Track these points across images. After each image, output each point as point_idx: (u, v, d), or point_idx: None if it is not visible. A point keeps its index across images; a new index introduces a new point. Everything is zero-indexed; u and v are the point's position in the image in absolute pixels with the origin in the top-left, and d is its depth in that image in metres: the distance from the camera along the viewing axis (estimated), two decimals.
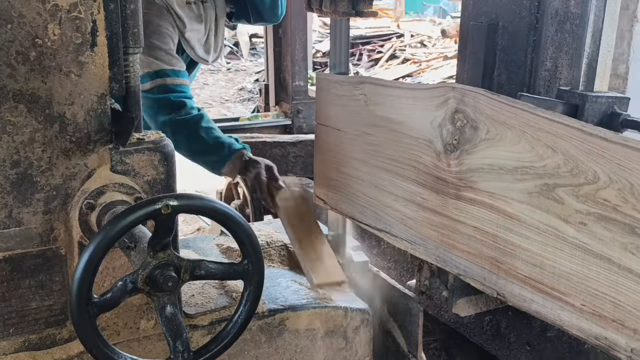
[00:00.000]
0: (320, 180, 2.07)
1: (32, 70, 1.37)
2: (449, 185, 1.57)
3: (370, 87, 1.80)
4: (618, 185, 1.22)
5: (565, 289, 1.34)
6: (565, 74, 2.22)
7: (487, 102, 1.46)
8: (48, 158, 1.43)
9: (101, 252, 1.16)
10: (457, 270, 1.61)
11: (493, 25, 2.29)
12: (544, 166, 1.35)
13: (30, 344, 1.53)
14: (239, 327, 1.35)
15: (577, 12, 2.13)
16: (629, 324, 1.23)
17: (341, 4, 1.86)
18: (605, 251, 1.25)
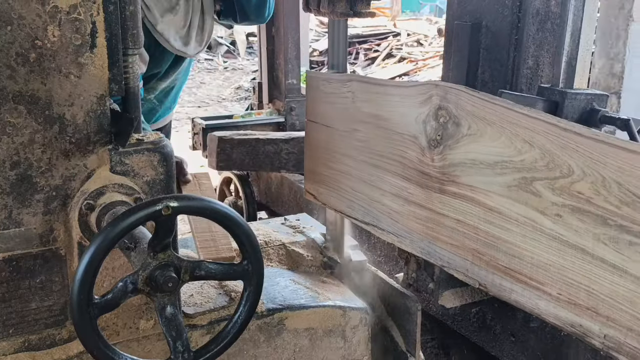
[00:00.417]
0: (310, 175, 2.10)
1: (32, 71, 1.37)
2: (433, 180, 1.61)
3: (357, 84, 1.84)
4: (591, 178, 1.26)
5: (542, 279, 1.38)
6: (546, 72, 2.28)
7: (469, 98, 1.50)
8: (48, 159, 1.43)
9: (102, 254, 1.16)
10: (441, 262, 1.65)
11: (477, 24, 2.34)
12: (522, 160, 1.39)
13: (30, 345, 1.53)
14: (238, 327, 1.35)
15: (557, 11, 2.18)
16: (602, 311, 1.27)
17: (339, 5, 1.87)
18: (579, 242, 1.30)
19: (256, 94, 4.56)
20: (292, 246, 2.20)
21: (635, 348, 1.23)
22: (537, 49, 2.27)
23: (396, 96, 1.71)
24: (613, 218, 1.23)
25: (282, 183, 4.08)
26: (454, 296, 1.99)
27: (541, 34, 2.26)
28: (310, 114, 2.05)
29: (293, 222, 2.40)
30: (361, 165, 1.84)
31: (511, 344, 2.16)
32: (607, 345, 1.28)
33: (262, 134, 3.83)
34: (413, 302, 1.88)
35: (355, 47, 12.00)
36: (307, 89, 2.06)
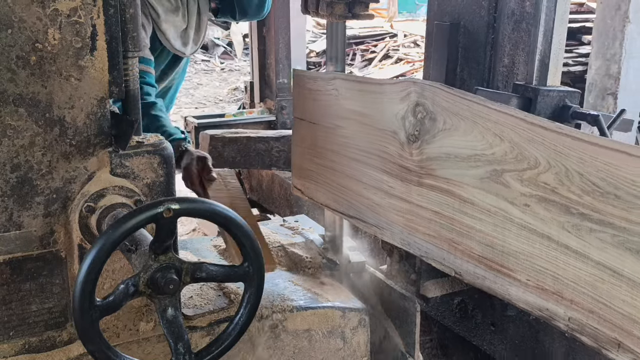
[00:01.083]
0: (297, 171, 2.15)
1: (33, 74, 1.38)
2: (412, 173, 1.67)
3: (341, 82, 1.89)
4: (556, 170, 1.32)
5: (513, 266, 1.44)
6: (522, 70, 2.35)
7: (444, 95, 1.56)
8: (48, 161, 1.44)
9: (104, 256, 1.17)
10: (419, 252, 1.71)
11: (455, 24, 2.42)
12: (493, 153, 1.45)
13: (30, 347, 1.53)
14: (239, 328, 1.36)
15: (532, 12, 2.25)
16: (566, 295, 1.34)
17: (337, 7, 1.88)
18: (546, 230, 1.35)
19: (248, 93, 4.64)
20: (291, 248, 2.20)
21: (596, 329, 1.29)
22: (513, 48, 2.35)
23: (377, 93, 1.76)
24: (575, 207, 1.29)
25: (272, 180, 4.17)
26: (434, 286, 2.06)
27: (516, 33, 2.34)
28: (297, 111, 2.10)
29: (292, 223, 2.41)
30: (345, 160, 1.90)
31: (491, 333, 2.22)
32: (571, 327, 1.34)
33: (254, 132, 3.87)
34: (412, 303, 1.89)
35: (352, 48, 12.00)
36: (294, 87, 2.12)
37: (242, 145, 3.68)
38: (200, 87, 11.20)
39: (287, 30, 4.32)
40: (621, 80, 4.83)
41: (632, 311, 1.21)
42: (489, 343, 2.24)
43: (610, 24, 4.82)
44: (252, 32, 4.46)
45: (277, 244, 2.21)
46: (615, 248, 1.23)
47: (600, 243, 1.25)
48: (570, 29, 7.50)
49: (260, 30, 4.34)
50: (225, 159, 3.74)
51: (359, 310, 1.94)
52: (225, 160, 3.74)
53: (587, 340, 1.33)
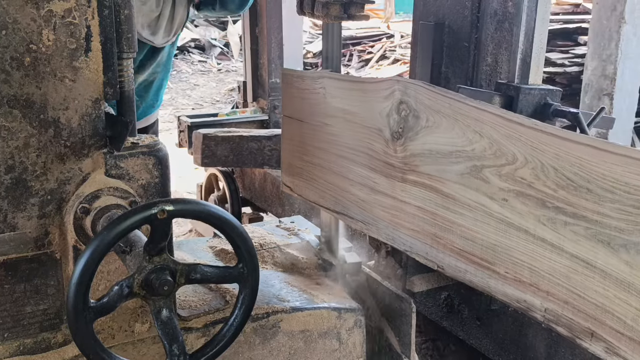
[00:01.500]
0: (287, 168, 2.18)
1: (27, 75, 1.37)
2: (396, 170, 1.71)
3: (328, 81, 1.92)
4: (532, 165, 1.36)
5: (492, 259, 1.48)
6: (505, 69, 2.43)
7: (426, 93, 1.60)
8: (43, 163, 1.43)
9: (98, 258, 1.17)
10: (404, 247, 1.74)
11: (440, 24, 2.49)
12: (473, 150, 1.49)
13: (25, 348, 1.53)
14: (234, 329, 1.36)
15: (514, 12, 2.32)
16: (542, 287, 1.37)
17: (333, 9, 1.88)
18: (523, 223, 1.39)
19: (241, 93, 4.70)
20: (287, 248, 2.20)
21: (571, 319, 1.32)
22: (496, 48, 2.41)
23: (363, 92, 1.80)
24: (551, 201, 1.32)
25: (265, 179, 4.22)
26: (420, 281, 2.11)
27: (499, 33, 2.39)
28: (286, 109, 2.14)
29: (288, 224, 2.41)
30: (332, 157, 1.94)
31: (477, 327, 2.26)
32: (547, 318, 1.38)
33: (246, 131, 3.93)
34: (407, 304, 1.89)
35: (349, 49, 12.01)
36: (283, 86, 2.15)
37: (234, 144, 3.75)
38: (197, 88, 11.20)
39: (279, 30, 4.39)
40: (617, 81, 4.83)
41: (604, 301, 1.25)
42: (474, 337, 2.29)
43: (606, 25, 4.83)
44: (245, 32, 4.51)
45: (273, 244, 2.21)
46: (588, 240, 1.26)
47: (574, 236, 1.29)
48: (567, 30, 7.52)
49: (253, 30, 4.41)
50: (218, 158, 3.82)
51: (354, 311, 1.94)
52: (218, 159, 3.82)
53: (562, 331, 1.36)
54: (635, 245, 1.18)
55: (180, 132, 4.35)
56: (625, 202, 1.19)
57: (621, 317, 1.23)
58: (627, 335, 1.22)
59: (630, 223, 1.19)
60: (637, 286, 1.19)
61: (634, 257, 1.19)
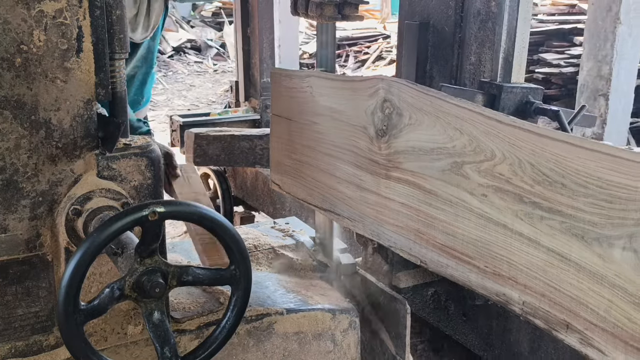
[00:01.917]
0: (275, 167, 2.20)
1: (18, 76, 1.36)
2: (380, 167, 1.73)
3: (315, 79, 1.94)
4: (510, 161, 1.38)
5: (472, 254, 1.51)
6: (488, 68, 2.45)
7: (408, 91, 1.63)
8: (34, 164, 1.42)
9: (88, 260, 1.16)
10: (388, 243, 1.77)
11: (424, 24, 2.53)
12: (453, 146, 1.52)
13: (16, 351, 1.52)
14: (226, 332, 1.35)
15: (497, 11, 2.36)
16: (520, 280, 1.40)
17: (327, 9, 1.87)
18: (501, 218, 1.42)
19: (233, 93, 4.74)
20: (282, 250, 2.20)
21: (548, 312, 1.35)
22: (479, 47, 2.45)
23: (348, 90, 1.83)
24: (528, 196, 1.35)
25: (256, 178, 4.27)
26: (406, 277, 2.13)
27: (482, 32, 2.43)
28: (275, 108, 2.16)
29: (282, 225, 2.40)
30: (319, 155, 1.96)
31: (463, 322, 2.29)
32: (525, 310, 1.41)
33: (238, 131, 3.93)
34: (402, 305, 1.89)
35: (346, 50, 12.00)
36: (272, 85, 2.16)
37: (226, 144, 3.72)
38: (193, 89, 11.18)
39: (270, 31, 4.44)
40: (612, 81, 4.84)
41: (579, 294, 1.28)
42: (460, 333, 2.32)
43: (602, 26, 4.84)
44: (237, 33, 4.56)
45: (267, 246, 2.21)
46: (563, 234, 1.29)
47: (550, 230, 1.32)
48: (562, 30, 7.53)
49: (244, 30, 4.45)
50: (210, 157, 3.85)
51: (349, 313, 1.93)
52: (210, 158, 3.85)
53: (539, 323, 1.38)
54: (607, 239, 1.21)
55: (173, 132, 4.40)
56: (597, 197, 1.22)
57: (594, 308, 1.26)
58: (600, 326, 1.25)
59: (603, 217, 1.21)
60: (609, 278, 1.22)
61: (606, 250, 1.21)
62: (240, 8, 4.42)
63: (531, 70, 7.34)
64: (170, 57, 12.65)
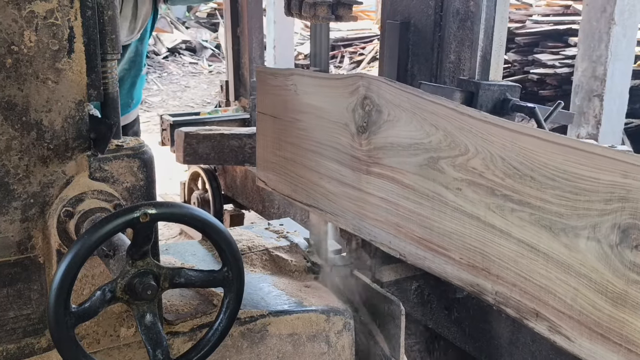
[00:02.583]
0: (261, 163, 2.24)
1: (8, 77, 1.35)
2: (361, 162, 1.77)
3: (299, 78, 1.98)
4: (482, 155, 1.43)
5: (448, 246, 1.56)
6: (467, 66, 2.50)
7: (387, 88, 1.66)
8: (25, 166, 1.41)
9: (79, 262, 1.15)
10: (369, 237, 1.81)
11: (405, 23, 2.58)
12: (430, 142, 1.56)
13: (8, 354, 1.51)
14: (219, 334, 1.34)
15: (476, 11, 2.40)
16: (493, 271, 1.45)
17: (320, 9, 1.87)
18: (475, 211, 1.47)
19: (224, 92, 4.82)
20: (276, 251, 2.19)
21: (518, 301, 1.40)
22: (459, 45, 2.49)
23: (330, 88, 1.86)
24: (499, 189, 1.40)
25: (246, 176, 4.32)
26: (389, 271, 2.17)
27: (462, 31, 2.47)
28: (260, 106, 2.20)
29: (277, 227, 2.39)
30: (303, 152, 2.00)
31: (445, 316, 2.34)
32: (497, 300, 1.45)
33: (227, 130, 4.02)
34: (396, 306, 1.88)
35: (341, 51, 12.00)
36: (257, 83, 2.20)
37: (215, 142, 3.84)
38: (188, 90, 11.17)
39: (260, 31, 4.54)
40: (607, 82, 4.86)
41: (548, 283, 1.33)
42: (443, 326, 2.36)
43: (596, 26, 4.85)
44: (227, 33, 4.64)
45: (261, 247, 2.20)
46: (532, 225, 1.34)
47: (520, 221, 1.36)
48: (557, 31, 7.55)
49: (234, 30, 4.54)
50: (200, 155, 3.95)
51: (343, 314, 1.93)
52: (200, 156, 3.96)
53: (511, 312, 1.43)
54: (572, 229, 1.26)
55: (163, 131, 4.46)
56: (564, 189, 1.26)
57: (562, 297, 1.30)
58: (567, 314, 1.30)
59: (569, 208, 1.26)
60: (575, 267, 1.26)
61: (572, 240, 1.26)
62: (230, 8, 4.50)
63: (526, 71, 7.36)
64: (165, 58, 12.63)
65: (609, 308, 1.22)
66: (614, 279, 1.20)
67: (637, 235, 1.15)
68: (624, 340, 1.21)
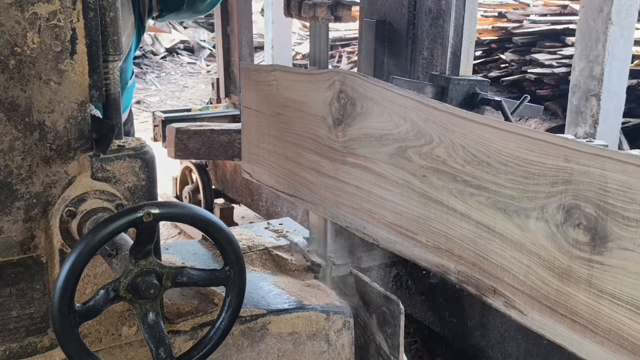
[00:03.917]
0: (246, 156, 2.33)
1: (12, 78, 1.37)
2: (338, 153, 1.87)
3: (280, 73, 2.06)
4: (445, 144, 1.52)
5: (416, 230, 1.65)
6: (440, 62, 2.63)
7: (360, 82, 1.76)
8: (28, 166, 1.43)
9: (83, 261, 1.16)
10: (345, 223, 1.90)
11: (381, 21, 2.70)
12: (399, 132, 1.65)
13: (11, 353, 1.52)
14: (221, 333, 1.36)
15: (447, 9, 2.55)
16: (456, 252, 1.54)
17: (320, 10, 1.88)
18: (439, 196, 1.56)
19: (215, 89, 4.95)
20: (276, 250, 2.20)
21: (478, 279, 1.50)
22: (431, 42, 2.62)
23: (309, 82, 1.94)
24: (460, 175, 1.49)
25: (235, 171, 4.45)
26: (368, 258, 2.31)
27: (434, 29, 2.59)
28: (245, 101, 2.28)
29: (276, 226, 2.40)
30: (284, 144, 2.09)
31: (422, 301, 2.45)
32: (459, 279, 1.54)
33: (217, 125, 4.15)
34: (396, 305, 1.90)
35: (339, 50, 12.00)
36: (242, 79, 2.28)
37: (206, 138, 3.94)
38: (186, 90, 11.17)
39: (249, 30, 4.66)
40: (604, 81, 4.86)
41: (503, 261, 1.42)
42: (420, 311, 2.44)
43: (593, 26, 4.86)
44: (217, 31, 4.76)
45: (261, 246, 2.21)
46: (489, 208, 1.43)
47: (479, 205, 1.45)
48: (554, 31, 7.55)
49: (224, 29, 4.66)
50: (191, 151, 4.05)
51: (343, 313, 1.94)
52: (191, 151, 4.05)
53: (472, 290, 1.52)
54: (524, 211, 1.35)
55: (155, 127, 4.56)
56: (516, 173, 1.36)
57: (516, 274, 1.39)
58: (520, 290, 1.39)
59: (520, 191, 1.36)
60: (526, 246, 1.36)
61: (524, 221, 1.35)
62: (220, 8, 4.63)
63: (524, 70, 7.36)
64: (163, 58, 12.62)
65: (556, 283, 1.31)
66: (559, 256, 1.29)
67: (579, 215, 1.24)
68: (568, 311, 1.30)
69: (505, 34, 8.04)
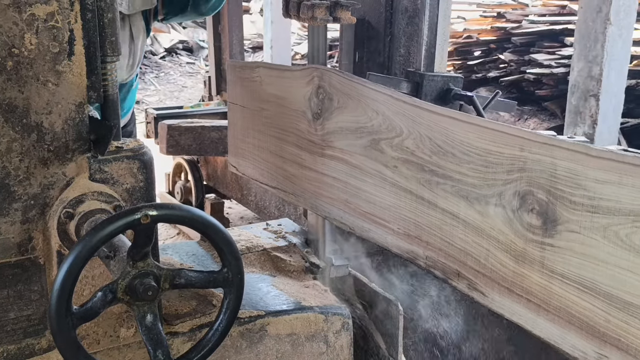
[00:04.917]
0: (232, 150, 2.41)
1: (9, 79, 1.36)
2: (317, 146, 1.94)
3: (263, 70, 2.14)
4: (414, 136, 1.59)
5: (388, 218, 1.72)
6: (416, 59, 2.73)
7: (337, 78, 1.83)
8: (25, 167, 1.42)
9: (81, 263, 1.16)
10: (324, 214, 1.98)
11: (361, 20, 2.79)
12: (372, 125, 1.71)
13: (8, 355, 1.52)
14: (219, 334, 1.35)
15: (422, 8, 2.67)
16: (424, 238, 1.62)
17: (318, 11, 1.88)
18: (408, 186, 1.63)
19: (207, 87, 5.08)
20: (274, 251, 2.20)
21: (444, 264, 1.57)
22: (408, 40, 2.72)
23: (290, 79, 2.01)
24: (427, 165, 1.56)
25: (226, 166, 4.50)
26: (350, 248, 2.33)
27: (410, 27, 2.69)
28: (231, 96, 2.36)
29: (275, 227, 2.40)
30: (268, 138, 2.16)
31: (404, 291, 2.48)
32: (427, 264, 1.62)
33: (208, 122, 4.25)
34: (395, 306, 1.89)
35: (337, 50, 12.00)
36: (228, 76, 2.35)
37: (197, 134, 4.06)
38: (185, 90, 11.17)
39: (240, 28, 4.79)
40: (603, 82, 4.86)
41: (466, 246, 1.49)
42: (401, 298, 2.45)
43: (592, 27, 4.86)
44: (209, 30, 4.88)
45: (260, 247, 2.21)
46: (453, 196, 1.50)
47: (444, 193, 1.53)
48: (553, 31, 7.56)
49: (216, 28, 4.78)
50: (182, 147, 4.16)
51: (342, 314, 1.94)
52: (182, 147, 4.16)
53: (438, 274, 1.59)
54: (484, 198, 1.42)
55: (147, 124, 4.64)
56: (477, 163, 1.43)
57: (477, 257, 1.46)
58: (481, 272, 1.46)
59: (481, 180, 1.43)
60: (486, 231, 1.43)
61: (484, 207, 1.43)
62: None
63: (522, 71, 7.37)
64: (162, 58, 12.62)
65: (512, 265, 1.38)
66: (516, 239, 1.36)
67: (532, 200, 1.32)
68: (524, 291, 1.37)
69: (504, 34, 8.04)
